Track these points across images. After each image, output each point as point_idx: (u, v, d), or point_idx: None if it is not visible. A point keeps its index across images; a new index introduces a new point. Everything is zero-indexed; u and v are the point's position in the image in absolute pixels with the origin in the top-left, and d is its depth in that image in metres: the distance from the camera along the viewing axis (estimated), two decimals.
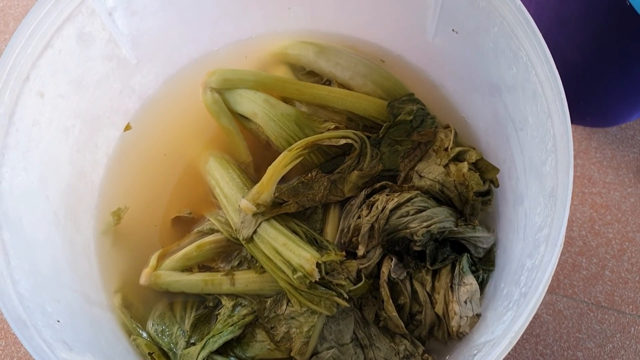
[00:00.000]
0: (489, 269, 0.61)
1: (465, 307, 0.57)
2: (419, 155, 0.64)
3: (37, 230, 0.55)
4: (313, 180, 0.61)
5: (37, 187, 0.56)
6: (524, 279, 0.49)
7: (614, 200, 0.95)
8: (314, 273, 0.55)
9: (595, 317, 0.90)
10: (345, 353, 0.58)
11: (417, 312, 0.59)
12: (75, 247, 0.61)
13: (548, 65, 0.48)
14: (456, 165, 0.61)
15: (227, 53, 0.73)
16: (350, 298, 0.58)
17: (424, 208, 0.59)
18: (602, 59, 0.69)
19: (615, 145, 0.98)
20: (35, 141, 0.56)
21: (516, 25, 0.51)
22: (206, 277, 0.61)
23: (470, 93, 0.64)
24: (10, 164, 0.52)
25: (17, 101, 0.52)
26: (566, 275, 0.91)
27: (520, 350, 0.88)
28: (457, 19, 0.59)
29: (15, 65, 0.52)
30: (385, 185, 0.63)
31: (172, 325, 0.61)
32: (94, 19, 0.58)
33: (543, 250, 0.45)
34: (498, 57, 0.55)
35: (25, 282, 0.49)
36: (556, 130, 0.47)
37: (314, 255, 0.56)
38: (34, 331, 0.46)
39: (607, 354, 0.88)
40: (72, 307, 0.56)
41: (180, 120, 0.71)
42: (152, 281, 0.62)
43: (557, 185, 0.46)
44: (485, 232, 0.60)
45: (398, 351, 0.58)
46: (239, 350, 0.59)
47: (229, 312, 0.60)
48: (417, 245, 0.59)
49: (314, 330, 0.57)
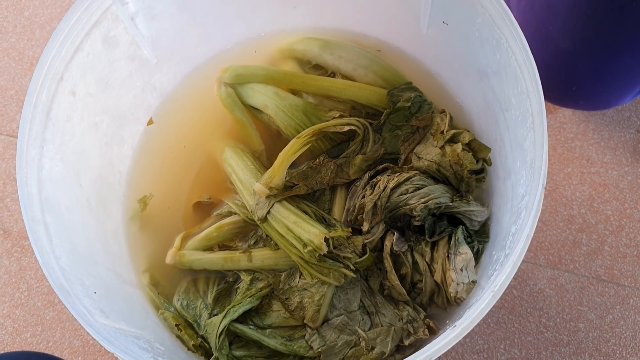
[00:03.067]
0: (483, 240, 0.65)
1: (461, 274, 0.62)
2: (418, 139, 0.69)
3: (73, 215, 0.61)
4: (321, 164, 0.67)
5: (72, 176, 0.63)
6: (508, 243, 0.54)
7: (612, 179, 0.99)
8: (323, 247, 0.61)
9: (595, 290, 0.94)
10: (353, 319, 0.63)
11: (418, 281, 0.64)
12: (107, 231, 0.68)
13: (524, 50, 0.53)
14: (451, 147, 0.66)
15: (238, 51, 0.79)
16: (356, 270, 0.63)
17: (421, 186, 0.65)
18: (592, 46, 0.73)
19: (613, 127, 1.02)
20: (69, 135, 0.62)
21: (497, 16, 0.56)
22: (226, 255, 0.67)
23: (463, 79, 0.69)
24: (49, 155, 0.58)
25: (53, 99, 0.59)
26: (567, 251, 0.96)
27: (525, 323, 0.93)
28: (447, 11, 0.64)
29: (51, 67, 0.58)
30: (387, 167, 0.68)
31: (196, 299, 0.67)
32: (117, 23, 0.64)
33: (523, 216, 0.51)
34: (484, 45, 0.60)
35: (66, 258, 0.55)
36: (534, 108, 0.52)
37: (322, 231, 0.62)
38: (76, 299, 0.52)
39: (608, 324, 0.92)
40: (106, 282, 0.62)
41: (198, 114, 0.77)
42: (177, 260, 0.68)
43: (535, 157, 0.51)
44: (479, 207, 0.65)
45: (401, 317, 0.63)
46: (257, 320, 0.65)
47: (247, 286, 0.66)
48: (416, 220, 0.64)
49: (324, 299, 0.63)
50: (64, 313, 0.97)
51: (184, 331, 0.64)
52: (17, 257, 1.00)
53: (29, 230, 0.53)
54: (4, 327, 0.96)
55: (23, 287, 0.98)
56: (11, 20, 1.16)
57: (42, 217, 0.55)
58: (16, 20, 1.16)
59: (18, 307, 0.97)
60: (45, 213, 0.56)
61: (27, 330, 0.96)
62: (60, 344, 0.95)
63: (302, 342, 0.63)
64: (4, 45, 1.14)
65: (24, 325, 0.96)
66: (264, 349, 0.64)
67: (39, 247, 0.53)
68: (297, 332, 0.64)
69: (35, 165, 0.56)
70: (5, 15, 1.16)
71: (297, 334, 0.64)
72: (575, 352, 0.91)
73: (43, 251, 0.53)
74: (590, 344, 0.91)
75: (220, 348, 0.62)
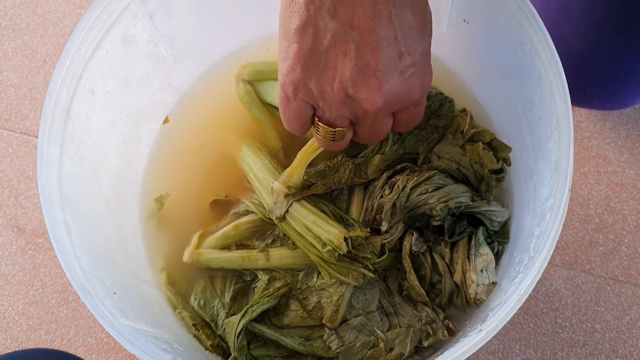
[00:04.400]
0: (503, 241, 0.65)
1: (481, 275, 0.62)
2: (437, 138, 0.69)
3: (92, 214, 0.61)
4: (339, 164, 0.66)
5: (91, 175, 0.62)
6: (532, 246, 0.53)
7: (629, 178, 0.98)
8: (342, 246, 0.60)
9: (612, 290, 0.93)
10: (372, 320, 0.63)
11: (437, 282, 0.64)
12: (124, 230, 0.67)
13: (550, 50, 0.52)
14: (471, 145, 0.66)
15: (254, 48, 0.78)
16: (375, 270, 0.63)
17: (441, 185, 0.64)
18: (606, 47, 0.73)
19: (630, 125, 1.01)
20: (88, 134, 0.62)
21: (520, 15, 0.55)
22: (243, 254, 0.67)
23: (483, 78, 0.68)
24: (69, 154, 0.58)
25: (73, 98, 0.59)
26: (584, 251, 0.95)
27: (540, 323, 0.92)
28: (467, 9, 0.63)
29: (71, 66, 0.58)
30: (405, 166, 0.68)
31: (213, 298, 0.67)
32: (136, 22, 0.64)
33: (548, 218, 0.50)
34: (506, 44, 0.59)
35: (86, 258, 0.55)
36: (559, 109, 0.52)
37: (341, 231, 0.61)
38: (97, 300, 0.52)
39: (625, 325, 0.92)
40: (125, 282, 0.62)
41: (214, 112, 0.76)
42: (195, 259, 0.68)
43: (560, 158, 0.51)
44: (499, 207, 0.64)
45: (420, 317, 0.63)
46: (275, 319, 0.64)
47: (264, 285, 0.65)
48: (435, 220, 0.64)
49: (343, 300, 0.63)
50: (78, 311, 0.97)
51: (201, 331, 0.64)
52: (32, 254, 1.00)
53: (50, 231, 0.53)
54: (18, 324, 0.96)
55: (37, 285, 0.98)
56: (24, 18, 1.16)
57: (63, 217, 0.55)
58: (29, 17, 1.16)
59: (32, 305, 0.97)
60: (65, 213, 0.56)
61: (42, 328, 0.96)
62: (75, 342, 0.95)
63: (321, 342, 0.63)
64: (17, 42, 1.14)
65: (39, 322, 0.96)
66: (282, 348, 0.64)
67: (61, 247, 0.53)
68: (316, 332, 0.64)
69: (55, 164, 0.56)
70: (18, 13, 1.16)
71: (316, 333, 0.64)
72: (591, 353, 0.90)
73: (64, 252, 0.53)
74: (607, 345, 0.91)
75: (239, 348, 0.61)
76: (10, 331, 0.96)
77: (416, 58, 0.47)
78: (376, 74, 0.45)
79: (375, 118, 0.50)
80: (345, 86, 0.47)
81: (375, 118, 0.50)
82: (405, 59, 0.46)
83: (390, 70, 0.46)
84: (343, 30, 0.44)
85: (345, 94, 0.47)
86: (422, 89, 0.50)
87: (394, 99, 0.49)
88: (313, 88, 0.49)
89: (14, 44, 1.14)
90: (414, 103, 0.51)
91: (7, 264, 1.00)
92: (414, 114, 0.53)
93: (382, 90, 0.47)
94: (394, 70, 0.46)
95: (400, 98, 0.49)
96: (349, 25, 0.43)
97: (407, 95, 0.49)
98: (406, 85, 0.48)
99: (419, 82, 0.49)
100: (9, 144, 1.06)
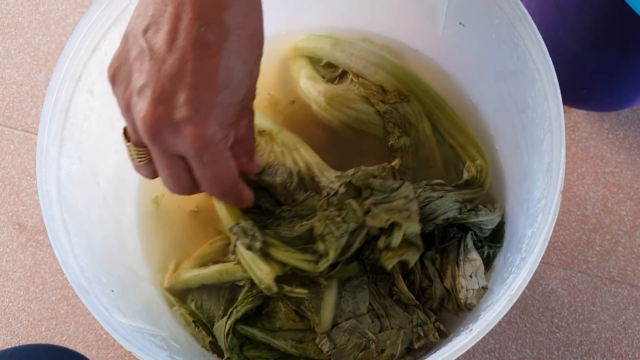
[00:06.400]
0: (495, 245, 0.65)
1: (470, 280, 0.62)
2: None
3: (91, 213, 0.62)
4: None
5: (90, 174, 0.63)
6: (524, 246, 0.54)
7: (627, 179, 0.99)
8: (272, 286, 0.60)
9: (608, 290, 0.94)
10: (363, 322, 0.63)
11: (427, 287, 0.64)
12: (122, 228, 0.68)
13: (543, 53, 0.53)
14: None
15: None
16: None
17: (428, 202, 0.64)
18: (601, 50, 0.73)
19: (627, 126, 1.01)
20: (86, 134, 0.62)
21: (514, 17, 0.56)
22: (220, 268, 0.66)
23: (478, 80, 0.69)
24: (68, 154, 0.59)
25: (72, 98, 0.59)
26: (580, 251, 0.96)
27: (536, 322, 0.93)
28: (463, 12, 0.64)
29: (70, 66, 0.58)
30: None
31: (210, 300, 0.67)
32: None
33: (540, 219, 0.51)
34: (500, 46, 0.60)
35: (84, 256, 0.56)
36: (551, 111, 0.52)
37: (273, 269, 0.60)
38: (94, 297, 0.53)
39: (621, 325, 0.92)
40: (122, 280, 0.62)
41: None
42: (173, 281, 0.68)
43: (552, 160, 0.51)
44: (489, 215, 0.64)
45: (411, 319, 0.63)
46: (267, 323, 0.64)
47: (248, 287, 0.65)
48: (425, 230, 0.64)
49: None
50: (78, 307, 0.98)
51: (200, 327, 0.65)
52: (32, 251, 1.01)
53: (48, 229, 0.54)
54: (19, 320, 0.97)
55: (38, 281, 0.99)
56: (26, 16, 1.17)
57: (61, 215, 0.56)
58: (31, 16, 1.17)
59: (33, 301, 0.98)
60: (64, 211, 0.56)
61: (42, 324, 0.97)
62: (74, 338, 0.96)
63: (313, 344, 0.63)
64: (19, 40, 1.15)
65: (39, 319, 0.97)
66: (275, 351, 0.64)
67: (59, 245, 0.53)
68: (308, 335, 0.64)
69: (54, 163, 0.57)
70: (20, 11, 1.17)
71: (308, 336, 0.64)
72: (587, 352, 0.91)
73: (62, 250, 0.53)
74: (603, 345, 0.91)
75: (230, 348, 0.62)
76: (10, 327, 0.97)
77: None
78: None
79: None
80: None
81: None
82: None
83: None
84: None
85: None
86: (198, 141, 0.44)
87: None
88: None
89: (16, 42, 1.15)
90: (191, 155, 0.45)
91: (8, 261, 1.00)
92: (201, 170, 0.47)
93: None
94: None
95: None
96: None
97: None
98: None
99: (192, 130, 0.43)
100: (10, 142, 1.06)
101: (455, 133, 0.69)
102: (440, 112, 0.70)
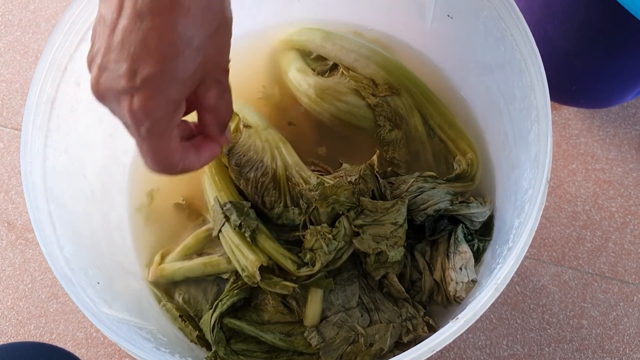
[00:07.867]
0: (485, 239, 0.65)
1: (460, 273, 0.62)
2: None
3: (77, 205, 0.62)
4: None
5: (77, 166, 0.63)
6: (512, 237, 0.54)
7: (617, 175, 0.99)
8: (256, 275, 0.60)
9: (599, 287, 0.94)
10: (352, 316, 0.63)
11: (417, 279, 0.64)
12: (111, 222, 0.68)
13: (529, 44, 0.53)
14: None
15: (242, 43, 0.78)
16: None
17: (420, 192, 0.64)
18: (589, 48, 0.74)
19: (618, 123, 1.02)
20: (73, 126, 0.62)
21: (502, 8, 0.56)
22: (205, 260, 0.66)
23: (467, 73, 0.69)
24: (53, 145, 0.58)
25: (57, 90, 0.59)
26: (571, 248, 0.96)
27: (527, 319, 0.92)
28: (451, 4, 0.64)
29: (55, 57, 0.58)
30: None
31: (197, 294, 0.67)
32: None
33: (527, 209, 0.51)
34: (488, 38, 0.60)
35: (69, 248, 0.56)
36: (538, 101, 0.52)
37: (258, 258, 0.60)
38: (79, 288, 0.52)
39: (611, 321, 0.92)
40: (110, 273, 0.62)
41: None
42: (158, 274, 0.67)
43: (539, 150, 0.51)
44: (480, 207, 0.64)
45: (401, 313, 0.63)
46: (255, 316, 0.64)
47: (233, 279, 0.65)
48: (416, 221, 0.64)
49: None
50: (68, 305, 0.97)
51: (187, 322, 0.64)
52: (22, 249, 1.00)
53: (32, 220, 0.53)
54: (7, 319, 0.97)
55: (27, 280, 0.99)
56: (16, 14, 1.16)
57: (47, 206, 0.55)
58: (21, 13, 1.16)
59: (22, 299, 0.97)
60: (49, 203, 0.56)
61: (31, 323, 0.96)
62: (64, 336, 0.96)
63: (301, 338, 0.63)
64: (9, 38, 1.14)
65: (28, 317, 0.97)
66: (263, 344, 0.64)
67: (43, 236, 0.53)
68: (297, 328, 0.64)
69: (40, 155, 0.56)
70: (10, 9, 1.17)
71: (297, 330, 0.63)
72: (578, 348, 0.91)
73: (47, 240, 0.53)
74: (594, 341, 0.91)
75: (216, 342, 0.61)
76: None
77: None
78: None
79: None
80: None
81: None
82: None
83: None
84: None
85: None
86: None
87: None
88: None
89: (6, 39, 1.14)
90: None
91: None
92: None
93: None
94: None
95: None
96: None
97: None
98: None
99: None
100: (0, 139, 1.06)
101: (446, 127, 0.70)
102: (431, 106, 0.70)
